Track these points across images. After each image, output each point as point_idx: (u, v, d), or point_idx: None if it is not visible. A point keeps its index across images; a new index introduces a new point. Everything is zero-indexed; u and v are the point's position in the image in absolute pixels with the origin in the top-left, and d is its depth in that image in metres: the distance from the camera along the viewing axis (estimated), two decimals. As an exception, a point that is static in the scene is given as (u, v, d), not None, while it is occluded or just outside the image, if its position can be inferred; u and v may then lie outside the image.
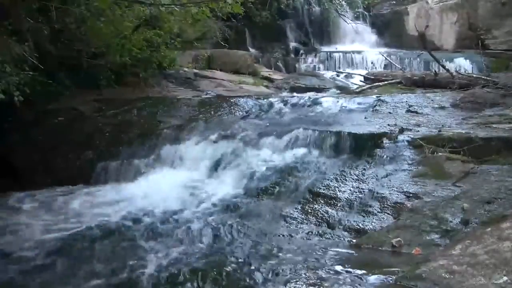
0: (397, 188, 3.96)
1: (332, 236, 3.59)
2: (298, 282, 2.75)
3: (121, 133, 5.81)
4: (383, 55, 10.28)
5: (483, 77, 7.27)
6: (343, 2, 12.62)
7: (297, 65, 11.05)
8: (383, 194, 3.91)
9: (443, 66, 8.15)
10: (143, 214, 4.12)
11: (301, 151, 5.03)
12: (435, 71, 8.17)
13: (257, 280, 2.87)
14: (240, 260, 3.18)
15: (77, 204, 4.52)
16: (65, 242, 3.65)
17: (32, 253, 3.49)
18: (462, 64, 9.37)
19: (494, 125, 4.99)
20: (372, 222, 3.65)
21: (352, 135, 4.97)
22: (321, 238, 3.58)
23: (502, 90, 6.35)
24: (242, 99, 6.76)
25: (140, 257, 3.34)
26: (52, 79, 6.07)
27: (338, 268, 2.91)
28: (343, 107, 6.33)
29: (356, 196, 4.00)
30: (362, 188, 4.09)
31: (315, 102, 6.59)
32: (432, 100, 6.33)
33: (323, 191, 4.15)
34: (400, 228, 3.36)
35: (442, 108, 6.03)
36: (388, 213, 3.70)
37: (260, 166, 4.85)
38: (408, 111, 5.95)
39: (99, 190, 4.95)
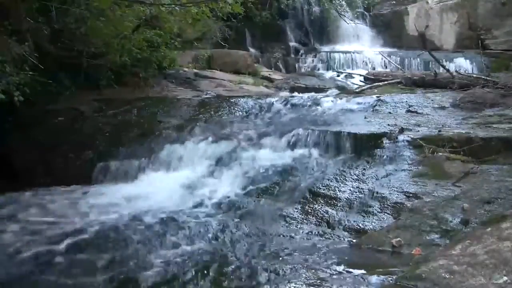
0: (397, 188, 3.96)
1: (332, 236, 3.58)
2: (298, 282, 2.75)
3: (121, 133, 5.81)
4: (383, 55, 10.28)
5: (483, 77, 7.26)
6: (343, 2, 12.61)
7: (297, 65, 11.05)
8: (383, 194, 3.91)
9: (443, 66, 8.15)
10: (143, 214, 4.12)
11: (301, 151, 5.04)
12: (435, 71, 8.16)
13: (257, 280, 2.87)
14: (240, 260, 3.18)
15: (77, 204, 4.52)
16: (65, 242, 3.65)
17: (32, 253, 3.49)
18: (462, 64, 9.37)
19: (494, 125, 4.99)
20: (372, 222, 3.65)
21: (352, 135, 4.97)
22: (321, 238, 3.58)
23: (502, 90, 6.34)
24: (242, 99, 6.76)
25: (140, 257, 3.34)
26: (52, 79, 6.07)
27: (338, 268, 2.91)
28: (343, 107, 6.33)
29: (356, 196, 4.00)
30: (362, 188, 4.09)
31: (315, 102, 6.58)
32: (432, 100, 6.33)
33: (323, 191, 4.15)
34: (400, 228, 3.36)
35: (442, 108, 6.03)
36: (388, 213, 3.70)
37: (260, 166, 4.85)
38: (408, 111, 5.95)
39: (99, 190, 4.95)
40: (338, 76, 9.89)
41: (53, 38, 6.20)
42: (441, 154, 4.39)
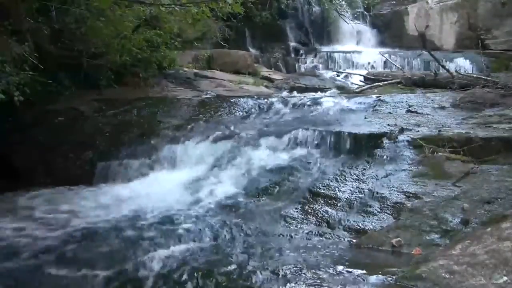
0: (397, 188, 3.96)
1: (332, 236, 3.58)
2: (298, 282, 2.75)
3: (121, 133, 5.81)
4: (383, 55, 10.28)
5: (483, 77, 7.27)
6: (343, 2, 12.61)
7: (297, 65, 11.05)
8: (383, 194, 3.91)
9: (443, 66, 8.15)
10: (143, 214, 4.12)
11: (301, 151, 5.04)
12: (435, 71, 8.17)
13: (257, 280, 2.87)
14: (240, 260, 3.18)
15: (77, 204, 4.52)
16: (65, 243, 3.65)
17: (32, 253, 3.49)
18: (462, 64, 9.37)
19: (494, 125, 4.99)
20: (372, 222, 3.65)
21: (352, 135, 4.97)
22: (321, 238, 3.58)
23: (502, 90, 6.35)
24: (242, 99, 6.76)
25: (140, 257, 3.33)
26: (52, 79, 6.06)
27: (338, 268, 2.91)
28: (343, 107, 6.33)
29: (356, 196, 4.00)
30: (362, 188, 4.09)
31: (315, 102, 6.59)
32: (432, 100, 6.33)
33: (323, 191, 4.15)
34: (400, 228, 3.36)
35: (442, 108, 6.04)
36: (388, 213, 3.70)
37: (260, 166, 4.86)
38: (408, 111, 5.95)
39: (99, 190, 4.95)
40: (338, 76, 9.89)
41: (53, 38, 6.20)
42: (441, 154, 4.39)
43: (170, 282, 2.97)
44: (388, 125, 5.24)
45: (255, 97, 6.96)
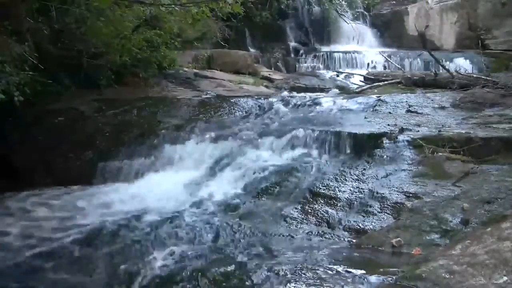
0: (397, 188, 3.95)
1: (332, 236, 3.59)
2: (298, 282, 2.75)
3: (121, 133, 5.80)
4: (383, 55, 10.28)
5: (483, 77, 7.27)
6: (343, 2, 12.62)
7: (297, 65, 11.05)
8: (383, 194, 3.91)
9: (443, 66, 8.16)
10: (143, 214, 4.12)
11: (301, 151, 5.04)
12: (435, 71, 8.17)
13: (257, 280, 2.87)
14: (240, 260, 3.18)
15: (77, 204, 4.52)
16: (65, 243, 3.65)
17: (31, 253, 3.49)
18: (462, 64, 9.36)
19: (494, 125, 5.00)
20: (372, 222, 3.65)
21: (352, 135, 4.97)
22: (321, 238, 3.58)
23: (502, 90, 6.35)
24: (242, 99, 6.76)
25: (140, 257, 3.34)
26: (52, 79, 6.06)
27: (338, 268, 2.91)
28: (343, 107, 6.33)
29: (356, 196, 4.00)
30: (362, 188, 4.09)
31: (315, 102, 6.59)
32: (432, 100, 6.34)
33: (323, 191, 4.15)
34: (400, 228, 3.36)
35: (442, 108, 6.04)
36: (388, 213, 3.70)
37: (260, 166, 4.85)
38: (408, 111, 5.95)
39: (99, 190, 4.95)
40: (338, 76, 9.88)
41: (53, 38, 6.20)
42: (441, 154, 4.39)
43: (170, 282, 2.98)
44: (388, 125, 5.25)
45: (255, 97, 6.96)
